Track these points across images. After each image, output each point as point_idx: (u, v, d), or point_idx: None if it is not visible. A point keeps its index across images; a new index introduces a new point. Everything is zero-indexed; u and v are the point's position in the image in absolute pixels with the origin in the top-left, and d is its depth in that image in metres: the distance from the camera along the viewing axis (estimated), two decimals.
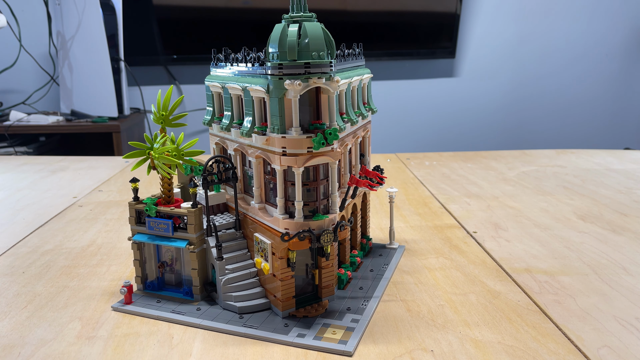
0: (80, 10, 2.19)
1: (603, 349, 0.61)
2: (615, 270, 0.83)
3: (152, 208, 0.71)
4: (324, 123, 0.65)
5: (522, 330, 0.65)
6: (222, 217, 0.76)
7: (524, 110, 2.90)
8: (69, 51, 2.31)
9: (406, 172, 1.50)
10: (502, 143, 2.89)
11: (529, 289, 0.76)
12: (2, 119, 2.36)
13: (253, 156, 0.69)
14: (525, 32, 2.78)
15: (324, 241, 0.65)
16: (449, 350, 0.61)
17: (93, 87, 2.28)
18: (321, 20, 0.64)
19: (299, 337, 0.63)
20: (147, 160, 0.69)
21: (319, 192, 0.67)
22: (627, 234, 0.99)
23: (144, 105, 2.60)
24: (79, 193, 1.31)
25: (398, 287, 0.77)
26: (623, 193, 1.26)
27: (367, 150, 0.88)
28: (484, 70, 2.83)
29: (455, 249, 0.92)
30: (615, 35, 2.80)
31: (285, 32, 0.61)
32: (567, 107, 2.90)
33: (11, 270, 0.86)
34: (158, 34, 2.56)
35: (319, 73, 0.62)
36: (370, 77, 0.86)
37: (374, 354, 0.60)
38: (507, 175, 1.45)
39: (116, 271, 0.85)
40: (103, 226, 1.07)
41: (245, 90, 0.68)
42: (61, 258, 0.91)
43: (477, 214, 1.11)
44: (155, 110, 0.69)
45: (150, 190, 1.27)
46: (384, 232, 1.01)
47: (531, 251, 0.91)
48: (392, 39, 2.71)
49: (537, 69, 2.84)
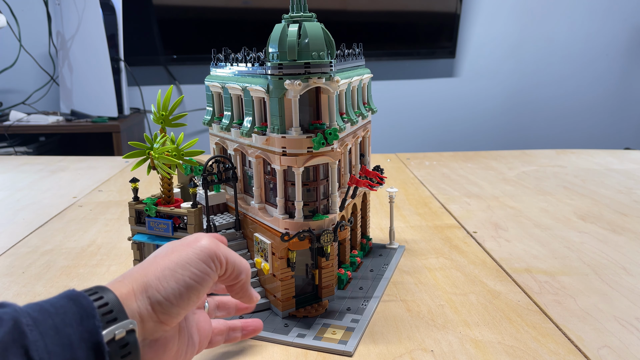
0: (80, 10, 2.19)
1: (603, 349, 0.61)
2: (615, 270, 0.82)
3: (152, 208, 0.71)
4: (324, 123, 0.65)
5: (522, 330, 0.65)
6: (222, 217, 0.76)
7: (524, 110, 2.90)
8: (68, 51, 2.31)
9: (406, 172, 1.50)
10: (502, 143, 2.89)
11: (529, 289, 0.76)
12: (2, 119, 2.36)
13: (253, 156, 0.69)
14: (525, 32, 2.78)
15: (324, 241, 0.65)
16: (449, 350, 0.61)
17: (93, 87, 2.28)
18: (321, 20, 0.64)
19: (299, 337, 0.63)
20: (147, 160, 0.69)
21: (319, 192, 0.67)
22: (627, 234, 0.99)
23: (144, 105, 2.60)
24: (79, 193, 1.31)
25: (398, 287, 0.77)
26: (623, 193, 1.26)
27: (367, 150, 0.88)
28: (484, 70, 2.83)
29: (455, 249, 0.92)
30: (615, 35, 2.80)
31: (285, 32, 0.61)
32: (567, 107, 2.90)
33: (11, 270, 0.86)
34: (158, 34, 2.56)
35: (319, 73, 0.62)
36: (370, 77, 0.86)
37: (374, 354, 0.60)
38: (507, 175, 1.45)
39: (116, 271, 0.85)
40: (103, 226, 1.07)
41: (245, 90, 0.68)
42: (61, 258, 0.91)
43: (477, 214, 1.11)
44: (155, 110, 0.69)
45: (150, 190, 1.27)
46: (384, 232, 1.01)
47: (531, 251, 0.91)
48: (392, 39, 2.71)
49: (537, 69, 2.84)
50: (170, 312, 0.41)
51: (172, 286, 0.41)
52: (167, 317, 0.41)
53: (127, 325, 0.38)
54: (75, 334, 0.35)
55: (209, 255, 0.44)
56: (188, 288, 0.42)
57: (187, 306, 0.42)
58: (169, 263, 0.43)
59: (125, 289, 0.40)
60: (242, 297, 0.51)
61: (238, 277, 0.48)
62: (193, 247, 0.44)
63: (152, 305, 0.40)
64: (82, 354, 0.35)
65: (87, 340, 0.36)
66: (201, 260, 0.44)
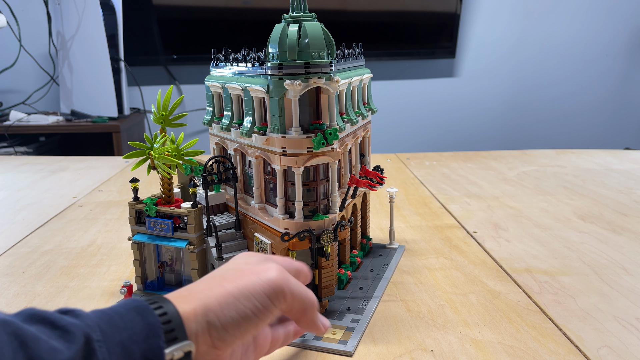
0: (80, 10, 2.19)
1: (603, 349, 0.61)
2: (615, 270, 0.82)
3: (152, 208, 0.71)
4: (324, 123, 0.65)
5: (522, 330, 0.65)
6: (222, 217, 0.76)
7: (524, 110, 2.90)
8: (68, 51, 2.31)
9: (406, 172, 1.50)
10: (502, 143, 2.89)
11: (529, 289, 0.76)
12: (2, 119, 2.36)
13: (253, 156, 0.69)
14: (526, 32, 2.78)
15: (324, 241, 0.65)
16: (449, 350, 0.61)
17: (93, 87, 2.28)
18: (321, 20, 0.64)
19: (299, 337, 0.63)
20: (147, 160, 0.69)
21: (319, 192, 0.67)
22: (627, 234, 0.99)
23: (144, 105, 2.60)
24: (79, 193, 1.31)
25: (398, 287, 0.77)
26: (623, 193, 1.26)
27: (367, 150, 0.88)
28: (484, 70, 2.83)
29: (455, 249, 0.92)
30: (615, 35, 2.80)
31: (285, 32, 0.61)
32: (567, 107, 2.90)
33: (11, 270, 0.86)
34: (158, 34, 2.56)
35: (319, 73, 0.62)
36: (370, 77, 0.86)
37: (374, 354, 0.60)
38: (507, 175, 1.45)
39: (116, 271, 0.85)
40: (103, 226, 1.07)
41: (245, 90, 0.68)
42: (61, 258, 0.91)
43: (477, 214, 1.11)
44: (155, 110, 0.69)
45: (150, 190, 1.27)
46: (384, 232, 1.01)
47: (531, 251, 0.91)
48: (392, 39, 2.71)
49: (537, 69, 2.84)
50: (225, 339, 0.40)
51: (233, 315, 0.41)
52: (221, 343, 0.41)
53: (185, 346, 0.38)
54: (139, 351, 0.35)
55: (274, 290, 0.43)
56: (248, 320, 0.41)
57: (243, 336, 0.41)
58: (234, 290, 0.42)
59: (189, 307, 0.40)
60: (310, 329, 0.49)
61: (304, 314, 0.47)
62: (260, 277, 0.43)
63: (209, 330, 0.40)
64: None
65: (149, 359, 0.36)
66: (266, 294, 0.42)
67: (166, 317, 0.38)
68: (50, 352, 0.32)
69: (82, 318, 0.35)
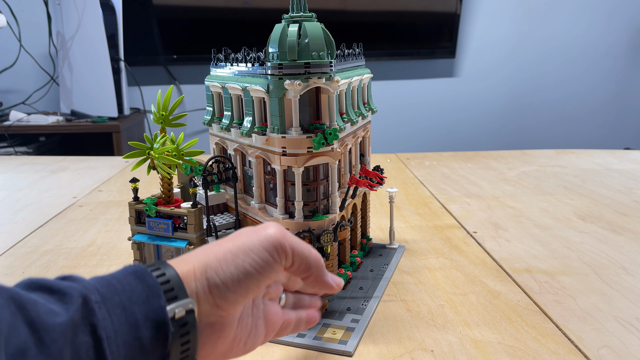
0: (80, 10, 2.19)
1: (603, 349, 0.61)
2: (615, 270, 0.83)
3: (152, 208, 0.71)
4: (324, 123, 0.65)
5: (522, 330, 0.65)
6: (222, 217, 0.76)
7: (524, 110, 2.90)
8: (68, 51, 2.31)
9: (406, 172, 1.50)
10: (502, 143, 2.89)
11: (529, 289, 0.76)
12: (2, 119, 2.36)
13: (253, 156, 0.69)
14: (526, 32, 2.78)
15: (324, 241, 0.65)
16: (449, 350, 0.61)
17: (93, 87, 2.28)
18: (321, 20, 0.64)
19: (299, 337, 0.63)
20: (147, 160, 0.69)
21: (319, 192, 0.67)
22: (627, 234, 0.99)
23: (144, 105, 2.60)
24: (79, 193, 1.31)
25: (398, 287, 0.77)
26: (623, 193, 1.26)
27: (367, 150, 0.88)
28: (484, 70, 2.83)
29: (455, 249, 0.92)
30: (615, 35, 2.80)
31: (285, 32, 0.61)
32: (567, 107, 2.90)
33: (11, 270, 0.86)
34: (158, 34, 2.56)
35: (319, 73, 0.62)
36: (370, 77, 0.86)
37: (374, 354, 0.60)
38: (507, 175, 1.45)
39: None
40: (103, 226, 1.07)
41: (245, 90, 0.68)
42: (61, 258, 0.91)
43: (477, 214, 1.11)
44: (155, 110, 0.69)
45: (150, 190, 1.27)
46: (384, 232, 1.01)
47: (531, 251, 0.91)
48: (392, 39, 2.71)
49: (537, 69, 2.84)
50: (227, 297, 0.40)
51: (232, 271, 0.40)
52: (223, 302, 0.40)
53: (187, 304, 0.37)
54: (141, 313, 0.35)
55: (273, 244, 0.42)
56: (247, 275, 0.40)
57: (245, 294, 0.41)
58: (232, 247, 0.41)
59: (187, 267, 0.40)
60: (320, 289, 0.48)
61: (308, 270, 0.45)
62: (259, 234, 0.43)
63: (210, 288, 0.39)
64: (147, 333, 0.35)
65: (152, 319, 0.36)
66: (264, 248, 0.42)
67: (164, 277, 0.38)
68: (49, 314, 0.32)
69: (80, 282, 0.35)
